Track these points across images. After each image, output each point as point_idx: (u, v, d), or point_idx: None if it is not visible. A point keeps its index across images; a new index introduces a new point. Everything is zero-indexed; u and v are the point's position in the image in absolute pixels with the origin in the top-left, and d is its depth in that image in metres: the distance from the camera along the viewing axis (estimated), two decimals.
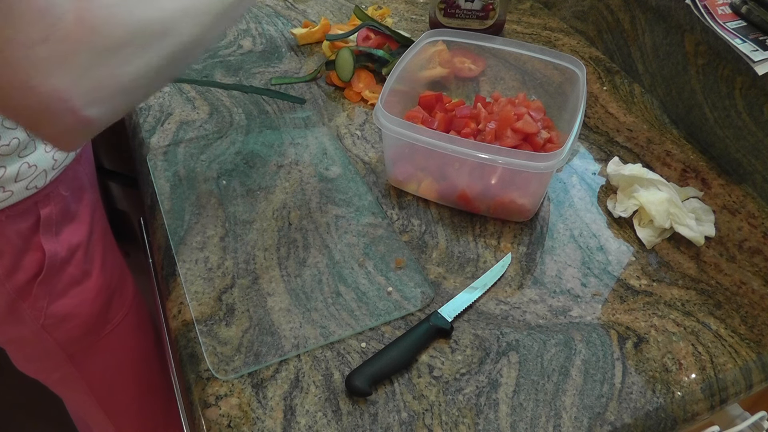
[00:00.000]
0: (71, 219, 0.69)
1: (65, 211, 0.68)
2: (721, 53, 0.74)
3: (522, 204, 0.67)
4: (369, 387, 0.52)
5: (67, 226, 0.69)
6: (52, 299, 0.69)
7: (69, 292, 0.70)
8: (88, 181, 0.74)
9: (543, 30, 1.02)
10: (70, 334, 0.73)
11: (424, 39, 0.77)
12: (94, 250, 0.73)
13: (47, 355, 0.74)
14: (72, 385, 0.81)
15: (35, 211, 0.64)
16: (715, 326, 0.60)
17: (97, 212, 0.75)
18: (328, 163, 0.75)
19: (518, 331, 0.58)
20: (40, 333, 0.70)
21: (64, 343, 0.73)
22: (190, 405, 0.54)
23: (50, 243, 0.66)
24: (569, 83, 0.74)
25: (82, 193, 0.72)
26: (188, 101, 0.83)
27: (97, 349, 0.77)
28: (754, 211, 0.72)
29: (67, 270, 0.69)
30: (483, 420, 0.52)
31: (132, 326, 0.82)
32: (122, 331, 0.80)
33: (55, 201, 0.66)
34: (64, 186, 0.67)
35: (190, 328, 0.57)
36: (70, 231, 0.69)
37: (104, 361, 0.80)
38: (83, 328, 0.74)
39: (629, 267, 0.65)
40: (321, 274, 0.62)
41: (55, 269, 0.67)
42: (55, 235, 0.67)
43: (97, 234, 0.74)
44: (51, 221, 0.66)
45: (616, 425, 0.52)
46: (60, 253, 0.67)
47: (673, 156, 0.78)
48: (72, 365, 0.76)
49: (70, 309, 0.71)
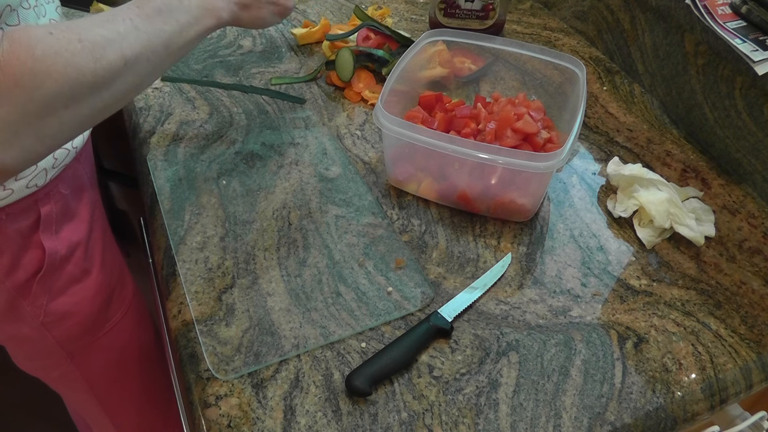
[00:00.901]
0: (71, 217, 0.70)
1: (65, 210, 0.68)
2: (721, 53, 0.74)
3: (522, 204, 0.67)
4: (369, 387, 0.52)
5: (67, 224, 0.69)
6: (51, 297, 0.69)
7: (68, 290, 0.70)
8: (88, 179, 0.74)
9: (543, 30, 1.02)
10: (70, 332, 0.73)
11: (424, 39, 0.77)
12: (93, 249, 0.73)
13: (47, 353, 0.74)
14: (71, 384, 0.81)
15: (35, 209, 0.64)
16: (715, 326, 0.60)
17: (96, 211, 0.75)
18: (328, 163, 0.75)
19: (518, 331, 0.58)
20: (40, 330, 0.70)
21: (63, 341, 0.73)
22: (190, 405, 0.54)
23: (50, 241, 0.66)
24: (569, 83, 0.74)
25: (82, 191, 0.72)
26: (188, 101, 0.83)
27: (97, 348, 0.78)
28: (754, 211, 0.72)
29: (66, 268, 0.69)
30: (483, 420, 0.52)
31: (132, 324, 0.82)
32: (122, 330, 0.80)
33: (55, 199, 0.66)
34: (64, 184, 0.68)
35: (190, 328, 0.57)
36: (70, 229, 0.69)
37: (104, 359, 0.80)
38: (83, 326, 0.74)
39: (629, 267, 0.65)
40: (321, 274, 0.62)
41: (55, 267, 0.67)
42: (55, 233, 0.67)
43: (97, 232, 0.74)
44: (51, 219, 0.66)
45: (616, 425, 0.52)
46: (60, 251, 0.67)
47: (673, 156, 0.78)
48: (72, 363, 0.77)
49: (69, 307, 0.71)
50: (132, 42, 0.48)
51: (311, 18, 1.02)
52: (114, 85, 0.47)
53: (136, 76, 0.49)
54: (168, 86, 0.85)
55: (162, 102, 0.83)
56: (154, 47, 0.51)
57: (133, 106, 0.82)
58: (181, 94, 0.85)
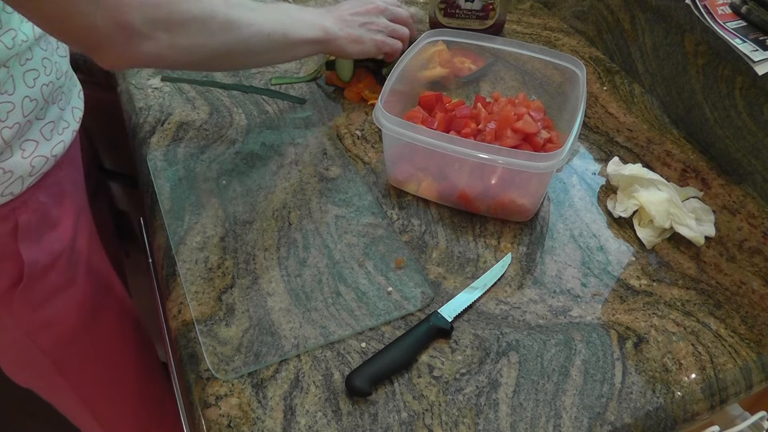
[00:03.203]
0: (52, 226, 0.67)
1: (45, 218, 0.66)
2: (721, 53, 0.74)
3: (522, 204, 0.67)
4: (369, 387, 0.52)
5: (48, 233, 0.67)
6: (34, 307, 0.67)
7: (52, 300, 0.68)
8: (72, 186, 0.72)
9: (543, 30, 1.02)
10: (56, 341, 0.71)
11: (424, 39, 0.77)
12: (78, 257, 0.71)
13: (33, 363, 0.72)
14: (60, 393, 0.79)
15: (12, 218, 0.62)
16: (715, 326, 0.60)
17: (81, 217, 0.73)
18: (328, 163, 0.75)
19: (518, 331, 0.58)
20: (24, 340, 0.69)
21: (49, 351, 0.71)
22: (190, 405, 0.54)
23: (30, 251, 0.64)
24: (569, 83, 0.74)
25: (63, 198, 0.70)
26: (188, 101, 0.83)
27: (85, 357, 0.76)
28: (754, 211, 0.72)
29: (49, 277, 0.67)
30: (483, 420, 0.52)
31: (121, 332, 0.80)
32: (111, 337, 0.78)
33: (33, 208, 0.64)
34: (42, 192, 0.65)
35: (190, 328, 0.57)
36: (51, 238, 0.67)
37: (93, 368, 0.78)
38: (69, 336, 0.72)
39: (629, 267, 0.65)
40: (321, 274, 0.62)
41: (37, 277, 0.66)
42: (36, 243, 0.65)
43: (82, 240, 0.72)
44: (30, 228, 0.64)
45: (616, 425, 0.52)
46: (41, 261, 0.66)
47: (673, 156, 0.79)
48: (59, 374, 0.75)
49: (53, 316, 0.69)
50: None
51: None
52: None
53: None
54: (168, 86, 0.85)
55: (162, 102, 0.83)
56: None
57: (133, 106, 0.82)
58: (181, 94, 0.85)
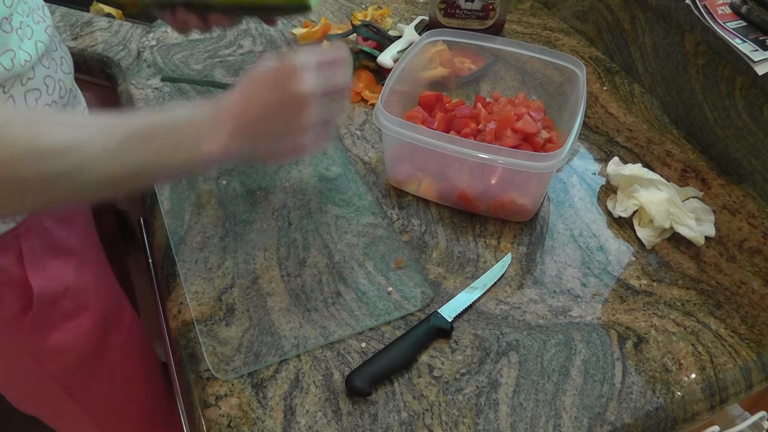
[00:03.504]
0: (59, 251, 0.66)
1: (50, 244, 0.64)
2: (721, 53, 0.74)
3: (522, 204, 0.67)
4: (369, 387, 0.52)
5: (54, 258, 0.65)
6: (45, 333, 0.66)
7: (63, 326, 0.67)
8: (76, 208, 0.71)
9: (543, 30, 1.02)
10: (65, 366, 0.70)
11: (424, 39, 0.77)
12: (87, 281, 0.69)
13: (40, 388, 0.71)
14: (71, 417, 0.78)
15: (16, 245, 0.61)
16: (715, 326, 0.60)
17: (88, 239, 0.72)
18: (328, 163, 0.75)
19: (518, 331, 0.58)
20: (33, 366, 0.68)
21: (58, 376, 0.70)
22: (190, 405, 0.54)
23: (38, 277, 0.63)
24: (569, 83, 0.74)
25: (69, 222, 0.68)
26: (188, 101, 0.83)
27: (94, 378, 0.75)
28: (754, 211, 0.72)
29: (60, 303, 0.66)
30: (483, 420, 0.52)
31: (131, 352, 0.79)
32: (120, 359, 0.77)
33: (37, 234, 0.62)
34: (46, 218, 0.64)
35: (190, 328, 0.57)
36: (58, 264, 0.65)
37: (102, 389, 0.77)
38: (79, 360, 0.71)
39: (629, 267, 0.65)
40: (321, 274, 0.62)
41: (47, 303, 0.64)
42: (43, 270, 0.63)
43: (90, 262, 0.71)
44: (35, 255, 0.62)
45: (616, 425, 0.52)
46: (50, 287, 0.64)
47: (673, 156, 0.78)
48: (68, 397, 0.74)
49: (64, 342, 0.68)
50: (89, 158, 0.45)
51: (311, 18, 1.02)
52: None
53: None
54: (168, 86, 0.85)
55: (162, 102, 0.83)
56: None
57: (133, 106, 0.82)
58: (181, 94, 0.85)
